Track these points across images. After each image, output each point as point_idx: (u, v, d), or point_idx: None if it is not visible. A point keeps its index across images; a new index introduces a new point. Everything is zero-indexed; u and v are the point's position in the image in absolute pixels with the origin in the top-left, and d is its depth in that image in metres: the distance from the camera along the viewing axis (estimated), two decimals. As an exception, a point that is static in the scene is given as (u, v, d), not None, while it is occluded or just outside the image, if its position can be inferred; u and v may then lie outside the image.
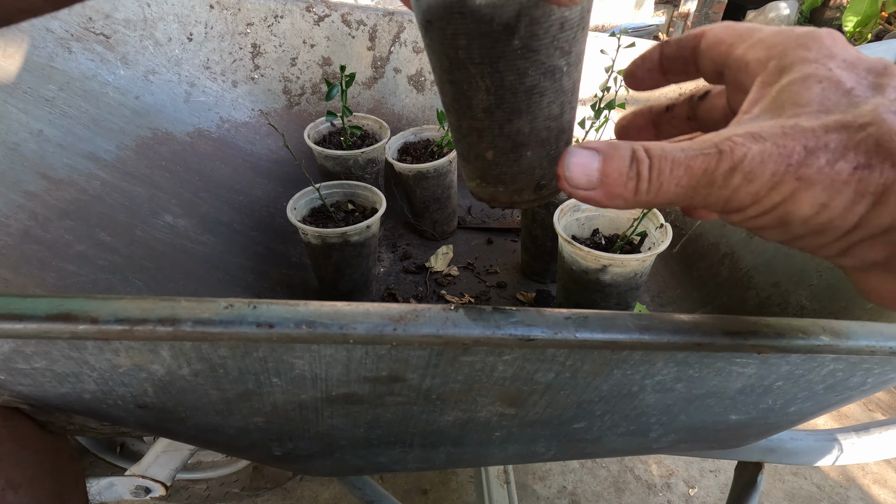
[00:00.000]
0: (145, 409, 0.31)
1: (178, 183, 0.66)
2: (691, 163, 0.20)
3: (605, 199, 0.22)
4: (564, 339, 0.22)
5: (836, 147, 0.17)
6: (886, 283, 0.20)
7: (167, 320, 0.19)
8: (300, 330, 0.20)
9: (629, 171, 0.21)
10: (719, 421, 0.38)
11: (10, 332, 0.19)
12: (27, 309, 0.19)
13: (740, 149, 0.18)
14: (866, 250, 0.19)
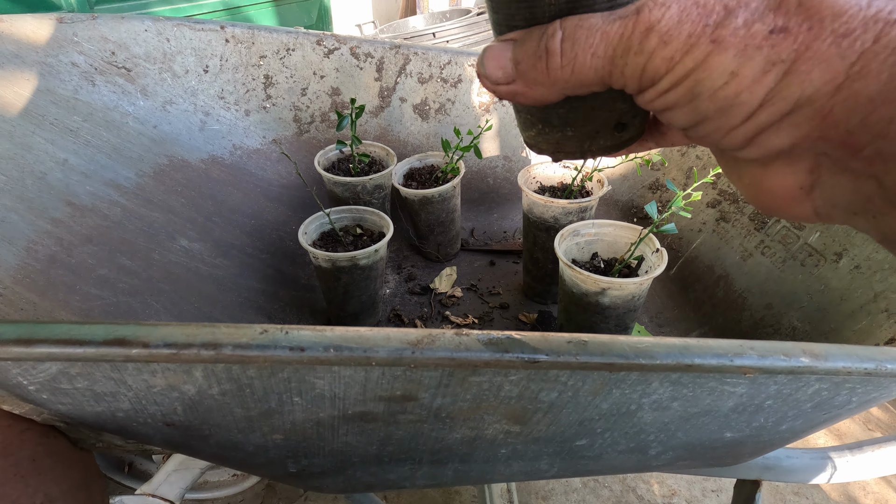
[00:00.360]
0: (172, 426, 0.33)
1: (193, 208, 0.69)
2: (608, 28, 0.18)
3: (525, 87, 0.20)
4: (566, 361, 0.24)
5: (757, 6, 0.16)
6: (786, 178, 0.19)
7: (210, 344, 0.21)
8: (328, 353, 0.22)
9: (538, 50, 0.19)
10: (715, 439, 0.40)
11: (71, 355, 0.21)
12: (86, 335, 0.21)
13: (659, 9, 0.17)
14: (771, 137, 0.18)
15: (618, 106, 0.21)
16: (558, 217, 0.65)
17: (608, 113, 0.21)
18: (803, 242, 0.56)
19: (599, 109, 0.21)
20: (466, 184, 0.90)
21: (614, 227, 0.59)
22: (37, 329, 0.21)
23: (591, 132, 0.22)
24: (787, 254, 0.58)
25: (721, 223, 0.68)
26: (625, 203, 0.86)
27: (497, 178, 0.92)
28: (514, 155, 0.91)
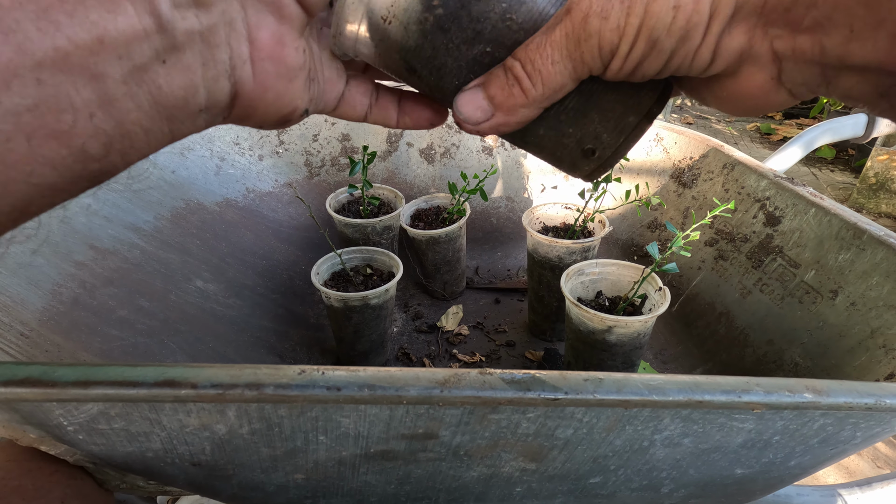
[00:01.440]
0: (198, 466, 0.34)
1: (208, 249, 0.71)
2: (552, 36, 0.20)
3: (507, 116, 0.22)
4: (584, 398, 0.25)
5: None
6: (756, 76, 0.21)
7: (253, 385, 0.23)
8: (362, 392, 0.24)
9: (508, 81, 0.21)
10: (726, 475, 0.41)
11: (124, 396, 0.22)
12: (139, 376, 0.22)
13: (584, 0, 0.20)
14: (731, 41, 0.20)
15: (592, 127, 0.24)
16: (562, 256, 0.67)
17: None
18: (800, 280, 0.59)
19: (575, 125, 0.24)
20: (471, 223, 0.93)
21: (617, 266, 0.61)
22: (92, 371, 0.22)
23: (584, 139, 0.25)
24: (785, 291, 0.60)
25: (719, 261, 0.70)
26: (625, 242, 0.88)
27: (500, 217, 0.95)
28: (516, 196, 0.94)
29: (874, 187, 2.28)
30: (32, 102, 0.12)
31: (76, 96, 0.13)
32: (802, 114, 3.73)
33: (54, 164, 0.13)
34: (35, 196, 0.14)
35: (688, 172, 0.81)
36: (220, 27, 0.16)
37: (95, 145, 0.14)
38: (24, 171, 0.13)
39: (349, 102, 0.26)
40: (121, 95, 0.14)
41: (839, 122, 0.91)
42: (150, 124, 0.15)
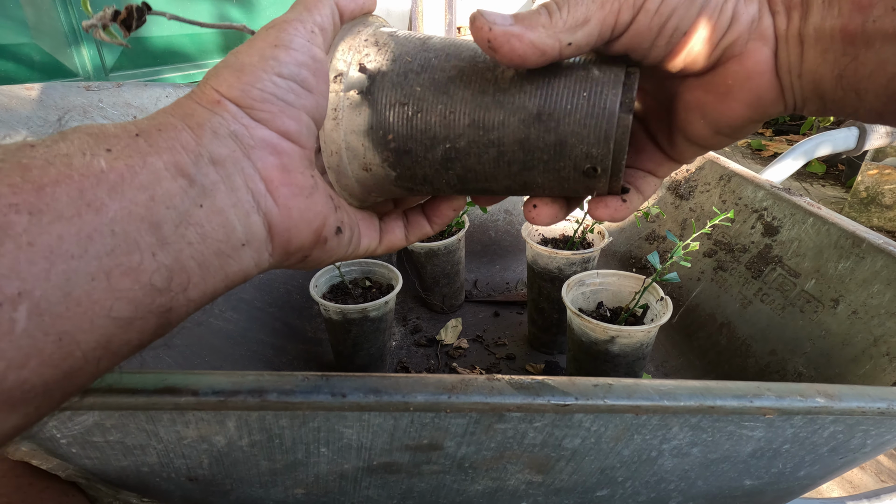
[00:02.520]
0: (195, 481, 0.33)
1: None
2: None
3: (524, 29, 0.22)
4: (595, 404, 0.25)
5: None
6: (759, 52, 0.23)
7: (255, 391, 0.22)
8: (368, 399, 0.23)
9: (538, 10, 0.23)
10: (735, 487, 0.40)
11: (123, 404, 0.22)
12: (138, 383, 0.22)
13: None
14: (745, 6, 0.22)
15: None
16: (562, 267, 0.67)
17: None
18: (800, 289, 0.59)
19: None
20: (469, 237, 0.93)
21: (618, 276, 0.61)
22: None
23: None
24: (786, 301, 0.60)
25: (719, 272, 0.70)
26: (623, 254, 0.88)
27: (499, 230, 0.95)
28: (514, 209, 0.95)
29: (865, 201, 2.31)
30: (110, 248, 0.16)
31: (141, 240, 0.17)
32: (792, 130, 3.79)
33: (129, 297, 0.16)
34: (115, 331, 0.16)
35: (684, 184, 0.81)
36: (235, 174, 0.20)
37: (159, 279, 0.17)
38: (106, 307, 0.16)
39: (389, 234, 0.30)
40: (173, 236, 0.17)
41: (832, 134, 0.92)
42: (202, 258, 0.19)
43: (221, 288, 0.20)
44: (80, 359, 0.15)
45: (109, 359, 0.17)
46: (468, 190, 0.28)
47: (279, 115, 0.22)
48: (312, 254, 0.23)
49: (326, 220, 0.23)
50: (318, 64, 0.24)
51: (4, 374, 0.14)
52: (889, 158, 2.38)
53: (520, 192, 0.27)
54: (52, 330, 0.14)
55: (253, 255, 0.21)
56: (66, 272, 0.15)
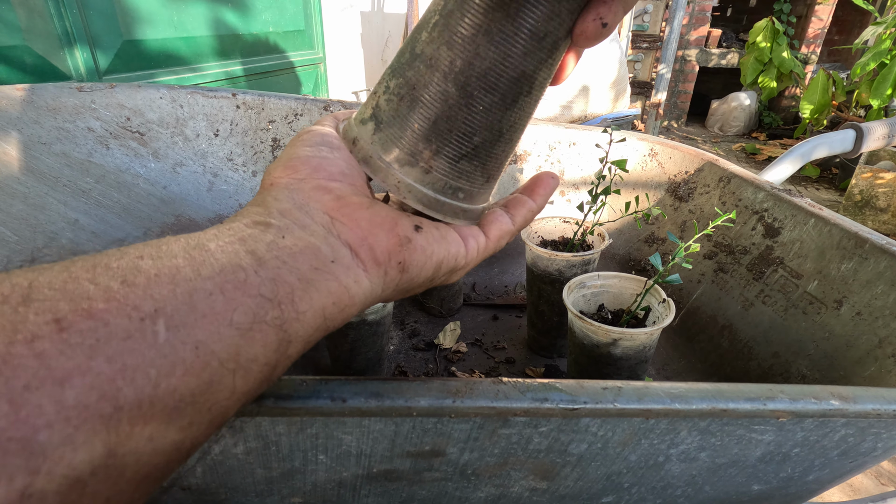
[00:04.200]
0: (187, 490, 0.32)
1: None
2: None
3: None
4: (604, 408, 0.24)
5: None
6: None
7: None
8: (369, 403, 0.22)
9: None
10: (742, 492, 0.39)
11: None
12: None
13: None
14: None
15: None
16: (562, 270, 0.66)
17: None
18: (802, 291, 0.58)
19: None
20: (467, 240, 0.92)
21: (619, 278, 0.60)
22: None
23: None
24: (788, 302, 0.59)
25: (720, 274, 0.70)
26: (622, 257, 0.88)
27: (497, 233, 0.94)
28: (512, 211, 0.94)
29: (859, 204, 2.32)
30: (217, 269, 0.19)
31: (241, 261, 0.20)
32: (786, 134, 3.82)
33: (244, 307, 0.19)
34: (240, 342, 0.18)
35: (683, 186, 0.81)
36: (302, 216, 0.23)
37: (266, 290, 0.20)
38: (227, 317, 0.18)
39: (493, 225, 0.30)
40: (268, 256, 0.21)
41: (829, 137, 0.92)
42: (299, 273, 0.21)
43: (329, 304, 0.21)
44: (217, 369, 0.17)
45: (242, 374, 0.18)
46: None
47: (319, 168, 0.25)
48: (406, 257, 0.24)
49: (398, 221, 0.25)
50: (331, 136, 0.28)
51: (157, 381, 0.16)
52: (883, 161, 2.40)
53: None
54: (188, 339, 0.17)
55: (346, 272, 0.22)
56: (188, 291, 0.17)
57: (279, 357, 0.20)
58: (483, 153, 0.27)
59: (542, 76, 0.27)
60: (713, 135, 3.95)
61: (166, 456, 0.16)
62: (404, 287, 0.25)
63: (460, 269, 0.28)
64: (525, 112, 0.28)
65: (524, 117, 0.28)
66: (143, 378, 0.15)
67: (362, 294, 0.23)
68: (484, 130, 0.26)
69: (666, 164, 0.84)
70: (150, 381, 0.15)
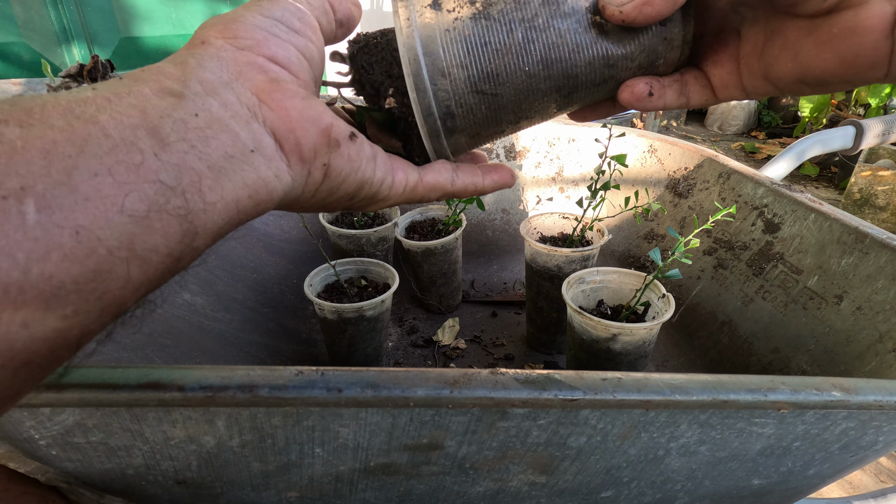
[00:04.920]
0: (183, 484, 0.32)
1: (196, 262, 0.69)
2: None
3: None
4: (604, 399, 0.24)
5: None
6: (880, 7, 0.22)
7: (246, 387, 0.21)
8: (366, 393, 0.22)
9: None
10: (742, 486, 0.39)
11: (103, 400, 0.20)
12: (119, 378, 0.20)
13: None
14: None
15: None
16: (561, 265, 0.66)
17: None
18: (803, 286, 0.58)
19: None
20: (466, 236, 0.92)
21: (619, 274, 0.60)
22: (67, 373, 0.20)
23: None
24: (788, 298, 0.59)
25: (719, 270, 0.69)
26: (621, 253, 0.87)
27: (496, 230, 0.94)
28: (511, 208, 0.94)
29: (859, 203, 2.32)
30: (107, 148, 0.16)
31: (139, 142, 0.17)
32: (785, 133, 3.82)
33: (139, 193, 0.16)
34: (134, 230, 0.16)
35: (683, 183, 0.81)
36: (225, 92, 0.20)
37: (167, 176, 0.17)
38: (117, 202, 0.16)
39: (432, 172, 0.28)
40: (173, 137, 0.17)
41: (829, 133, 0.92)
42: (210, 160, 0.18)
43: (243, 197, 0.19)
44: (105, 256, 0.15)
45: (139, 266, 0.16)
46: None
47: (264, 43, 0.22)
48: (332, 161, 0.22)
49: (333, 122, 0.22)
50: (302, 13, 0.24)
51: (27, 265, 0.14)
52: (882, 160, 2.40)
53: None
54: (66, 224, 0.15)
55: (267, 164, 0.20)
56: (65, 169, 0.15)
57: (184, 248, 0.18)
58: (495, 108, 0.27)
59: (579, 94, 0.28)
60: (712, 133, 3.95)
61: (48, 343, 0.15)
62: (322, 197, 0.24)
63: (381, 200, 0.26)
64: (542, 111, 0.29)
65: (540, 113, 0.29)
66: (7, 261, 0.14)
67: (282, 190, 0.21)
68: (515, 89, 0.26)
69: (665, 160, 0.84)
70: (18, 265, 0.14)
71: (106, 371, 0.21)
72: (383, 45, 0.27)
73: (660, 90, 0.29)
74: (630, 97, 0.28)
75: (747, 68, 0.28)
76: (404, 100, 0.27)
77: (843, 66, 0.23)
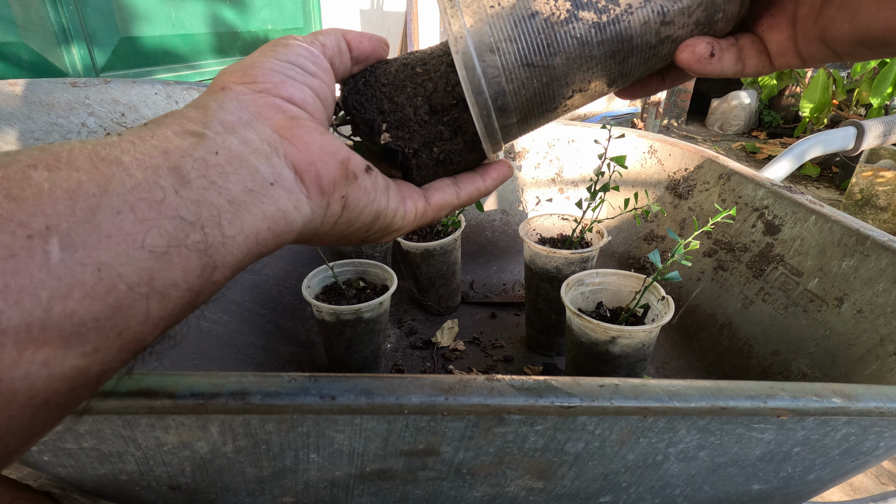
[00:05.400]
0: (177, 490, 0.31)
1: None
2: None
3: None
4: (601, 406, 0.23)
5: None
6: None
7: (238, 394, 0.21)
8: (359, 401, 0.21)
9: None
10: (742, 492, 0.39)
11: (94, 408, 0.20)
12: (110, 385, 0.20)
13: None
14: None
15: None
16: (560, 267, 0.65)
17: None
18: (803, 288, 0.57)
19: None
20: (465, 237, 0.92)
21: (618, 276, 0.60)
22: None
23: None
24: (789, 300, 0.58)
25: (719, 272, 0.69)
26: (621, 255, 0.87)
27: (495, 231, 0.94)
28: (511, 209, 0.93)
29: (860, 203, 2.31)
30: (130, 187, 0.17)
31: (160, 180, 0.17)
32: (786, 133, 3.81)
33: (159, 229, 0.17)
34: (154, 266, 0.16)
35: (683, 184, 0.80)
36: (246, 132, 0.21)
37: (187, 212, 0.17)
38: (138, 238, 0.16)
39: (438, 192, 0.29)
40: (193, 174, 0.18)
41: (830, 134, 0.92)
42: (230, 195, 0.19)
43: (263, 229, 0.20)
44: (125, 293, 0.16)
45: (159, 301, 0.17)
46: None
47: (281, 85, 0.23)
48: (350, 194, 0.23)
49: (350, 156, 0.23)
50: (316, 58, 0.25)
51: (49, 304, 0.14)
52: (883, 160, 2.39)
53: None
54: (89, 261, 0.15)
55: (287, 196, 0.21)
56: (90, 208, 0.15)
57: (203, 283, 0.18)
58: (547, 81, 0.26)
59: (634, 60, 0.27)
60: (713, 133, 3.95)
61: (68, 382, 0.15)
62: (341, 229, 0.24)
63: (395, 230, 0.27)
64: (597, 82, 0.27)
65: (594, 85, 0.28)
66: (30, 300, 0.14)
67: (301, 221, 0.21)
68: (567, 58, 0.25)
69: (665, 161, 0.84)
70: (41, 303, 0.14)
71: (96, 378, 0.20)
72: (371, 83, 0.28)
73: (719, 52, 0.27)
74: (691, 57, 0.26)
75: (803, 32, 0.26)
76: (398, 133, 0.27)
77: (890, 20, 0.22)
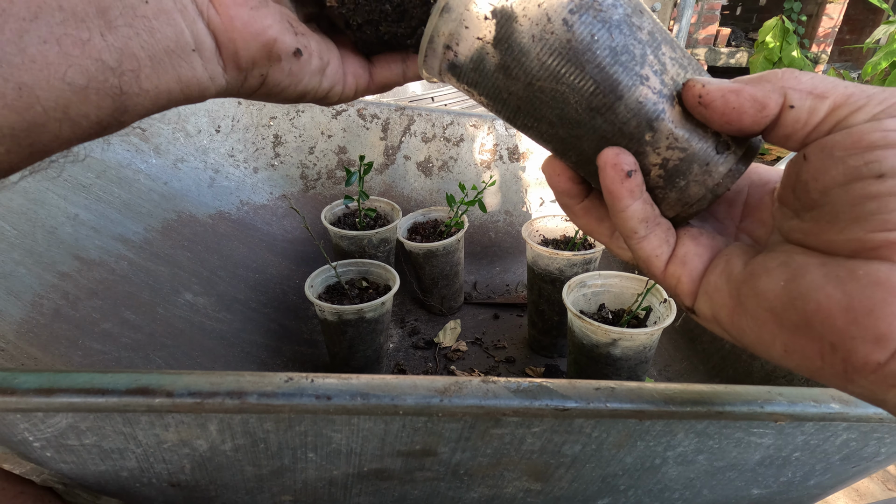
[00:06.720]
0: (177, 487, 0.32)
1: (199, 262, 0.69)
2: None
3: (745, 86, 0.19)
4: (596, 409, 0.23)
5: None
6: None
7: (235, 393, 0.21)
8: (355, 401, 0.22)
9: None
10: (742, 496, 0.38)
11: (92, 405, 0.20)
12: (109, 384, 0.20)
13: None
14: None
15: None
16: (563, 269, 0.65)
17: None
18: (807, 292, 0.57)
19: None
20: (469, 238, 0.92)
21: (620, 278, 0.60)
22: (57, 378, 0.20)
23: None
24: (793, 304, 0.58)
25: (723, 274, 0.69)
26: (625, 256, 0.87)
27: (499, 231, 0.94)
28: (514, 210, 0.93)
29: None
30: (59, 19, 0.17)
31: (88, 20, 0.18)
32: (795, 134, 3.78)
33: (81, 67, 0.18)
34: (71, 97, 0.18)
35: (688, 185, 0.80)
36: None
37: (109, 57, 0.18)
38: (60, 70, 0.17)
39: (384, 70, 0.28)
40: (120, 21, 0.18)
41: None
42: (152, 51, 0.19)
43: (176, 90, 0.20)
44: (41, 113, 0.17)
45: (70, 126, 0.18)
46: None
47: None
48: (270, 74, 0.23)
49: (278, 37, 0.23)
50: None
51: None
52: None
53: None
54: (11, 78, 0.16)
55: (205, 65, 0.21)
56: (18, 30, 0.16)
57: (112, 121, 0.19)
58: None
59: (609, 112, 0.21)
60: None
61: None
62: (261, 98, 0.25)
63: (333, 100, 0.27)
64: (567, 103, 0.22)
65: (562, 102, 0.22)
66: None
67: (215, 90, 0.22)
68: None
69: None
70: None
71: (96, 376, 0.21)
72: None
73: (646, 205, 0.21)
74: (614, 160, 0.21)
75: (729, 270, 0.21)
76: (344, 0, 0.25)
77: (847, 317, 0.16)
